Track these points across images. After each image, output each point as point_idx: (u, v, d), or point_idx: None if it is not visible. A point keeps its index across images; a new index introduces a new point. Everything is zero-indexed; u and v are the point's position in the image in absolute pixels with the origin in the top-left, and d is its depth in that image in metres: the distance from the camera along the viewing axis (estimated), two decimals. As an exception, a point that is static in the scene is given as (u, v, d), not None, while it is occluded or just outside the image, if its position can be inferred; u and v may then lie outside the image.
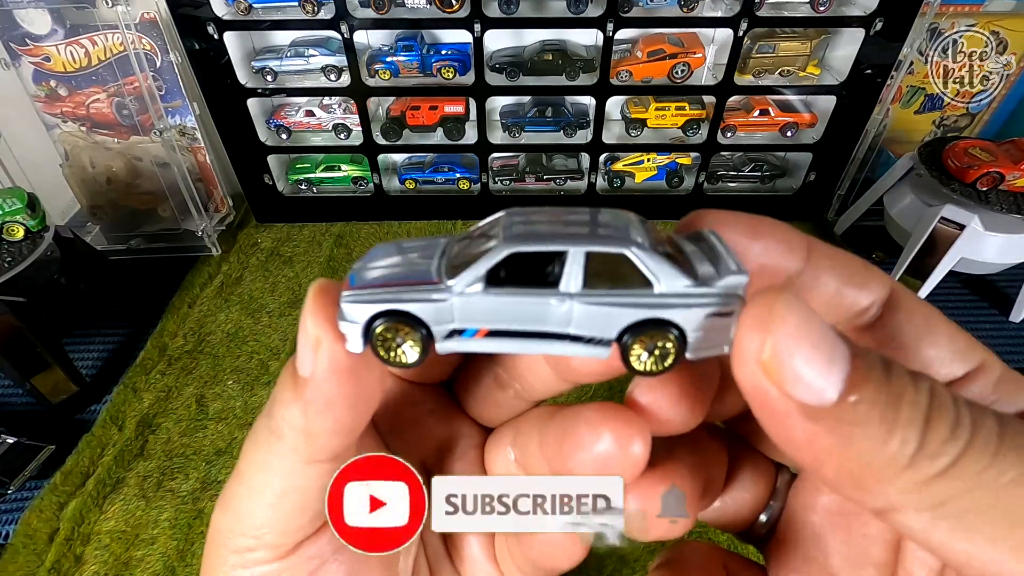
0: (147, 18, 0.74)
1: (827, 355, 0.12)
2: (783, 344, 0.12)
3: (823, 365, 0.12)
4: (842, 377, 0.12)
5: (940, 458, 0.12)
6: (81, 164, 0.81)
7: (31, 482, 0.58)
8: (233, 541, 0.17)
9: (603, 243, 0.14)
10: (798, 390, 0.12)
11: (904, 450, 0.12)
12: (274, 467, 0.16)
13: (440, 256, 0.15)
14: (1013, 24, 0.78)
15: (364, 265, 0.15)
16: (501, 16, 0.73)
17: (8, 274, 0.58)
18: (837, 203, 0.90)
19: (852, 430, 0.12)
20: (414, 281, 0.14)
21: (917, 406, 0.12)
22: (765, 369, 0.12)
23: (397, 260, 0.15)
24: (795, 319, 0.12)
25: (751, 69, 0.80)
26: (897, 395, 0.12)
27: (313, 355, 0.15)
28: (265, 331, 0.74)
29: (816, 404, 0.12)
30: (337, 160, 0.90)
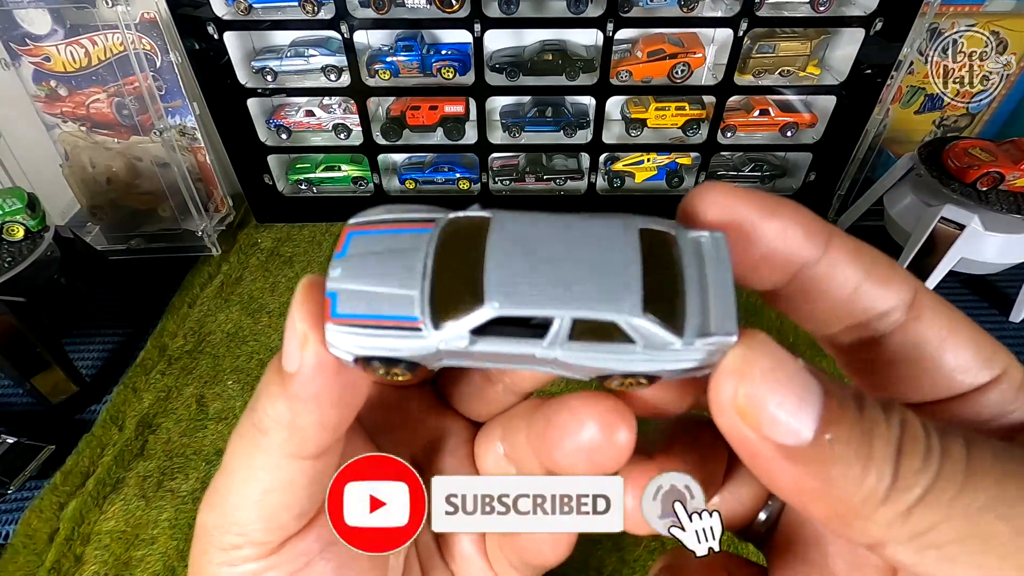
0: (147, 18, 0.74)
1: (799, 395, 0.13)
2: (755, 389, 0.13)
3: (796, 405, 0.12)
4: (815, 415, 0.12)
5: (913, 489, 0.12)
6: (81, 164, 0.81)
7: (31, 482, 0.58)
8: (219, 539, 0.17)
9: (592, 308, 0.13)
10: (774, 432, 0.13)
11: (880, 484, 0.12)
12: (259, 463, 0.16)
13: (423, 278, 0.14)
14: (1013, 24, 0.78)
15: (345, 273, 0.15)
16: (501, 16, 0.73)
17: (8, 274, 0.58)
18: (837, 203, 0.90)
19: (831, 470, 0.12)
20: (399, 323, 0.14)
21: (889, 440, 0.12)
22: (741, 414, 0.13)
23: (378, 275, 0.14)
24: (766, 363, 0.13)
25: (751, 69, 0.80)
26: (869, 430, 0.12)
27: (300, 351, 0.15)
28: (265, 331, 0.74)
29: (794, 445, 0.12)
30: (337, 160, 0.90)
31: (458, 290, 0.14)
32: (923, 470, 0.12)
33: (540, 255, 0.14)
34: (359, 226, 0.15)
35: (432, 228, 0.15)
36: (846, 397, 0.13)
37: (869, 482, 0.12)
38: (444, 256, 0.14)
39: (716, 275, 0.14)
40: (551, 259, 0.14)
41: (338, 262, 0.15)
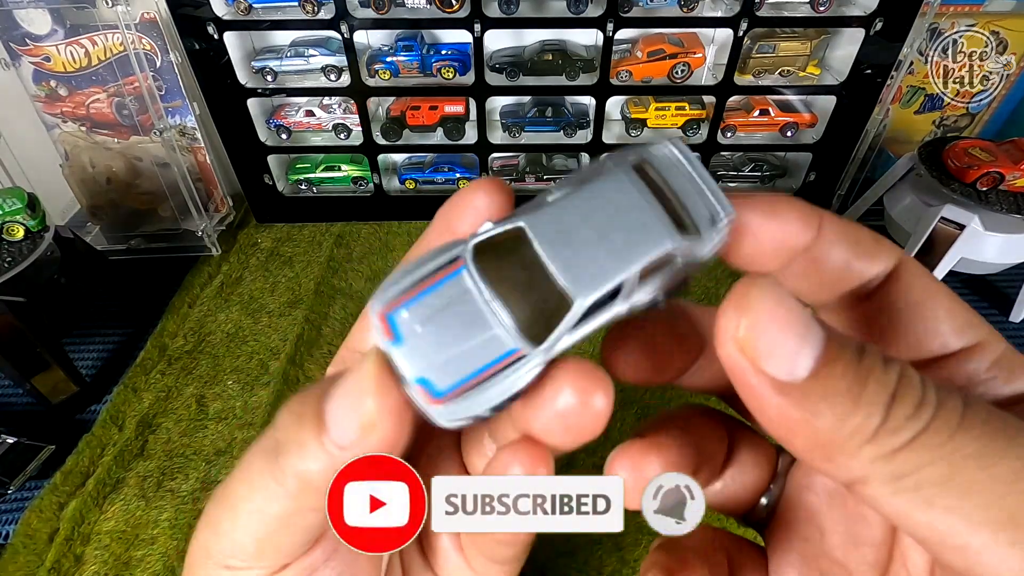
0: (147, 18, 0.74)
1: (799, 334, 0.13)
2: (756, 323, 0.13)
3: (795, 343, 0.13)
4: (814, 355, 0.13)
5: (902, 432, 0.13)
6: (81, 164, 0.81)
7: (31, 482, 0.58)
8: (223, 559, 0.17)
9: (650, 255, 0.14)
10: (770, 365, 0.13)
11: (868, 424, 0.13)
12: (270, 505, 0.16)
13: (492, 312, 0.14)
14: (1013, 24, 0.78)
15: (419, 353, 0.15)
16: (501, 16, 0.73)
17: (8, 274, 0.58)
18: (837, 203, 0.90)
19: (819, 404, 0.13)
20: (503, 363, 0.14)
21: (884, 384, 0.13)
22: (740, 346, 0.13)
23: (451, 336, 0.14)
24: (770, 300, 0.13)
25: (751, 69, 0.80)
26: (865, 374, 0.13)
27: (363, 436, 0.15)
28: (265, 331, 0.74)
29: (787, 380, 0.13)
30: (337, 160, 0.90)
31: (537, 303, 0.14)
32: (915, 417, 0.13)
33: (584, 237, 0.14)
34: (391, 305, 0.15)
35: (462, 265, 0.15)
36: (847, 344, 0.13)
37: (856, 419, 0.13)
38: (498, 281, 0.15)
39: (696, 174, 0.16)
40: (595, 234, 0.14)
41: (401, 349, 0.15)
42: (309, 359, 0.71)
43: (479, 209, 0.17)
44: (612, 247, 0.14)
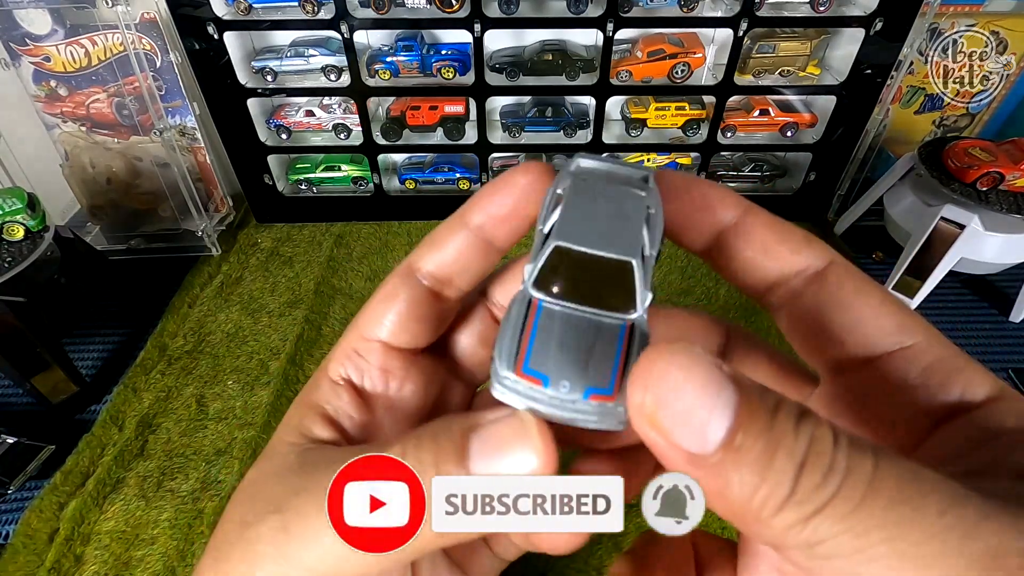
0: (147, 18, 0.74)
1: (709, 405, 0.13)
2: (664, 397, 0.13)
3: (705, 414, 0.13)
4: (724, 426, 0.13)
5: (808, 504, 0.12)
6: (81, 164, 0.81)
7: (31, 482, 0.58)
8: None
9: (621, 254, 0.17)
10: (681, 439, 0.13)
11: (777, 494, 0.13)
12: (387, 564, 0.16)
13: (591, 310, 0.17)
14: (1013, 24, 0.78)
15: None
16: (501, 16, 0.73)
17: (8, 274, 0.58)
18: (837, 203, 0.90)
19: (730, 475, 0.13)
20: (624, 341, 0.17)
21: (792, 453, 0.13)
22: (650, 422, 0.13)
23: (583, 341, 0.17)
24: (678, 371, 0.13)
25: (751, 69, 0.80)
26: (775, 442, 0.13)
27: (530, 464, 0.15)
28: (265, 331, 0.74)
29: (698, 452, 0.13)
30: (337, 160, 0.90)
31: (609, 284, 0.17)
32: (822, 486, 0.13)
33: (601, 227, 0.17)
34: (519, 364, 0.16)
35: (539, 302, 0.17)
36: (760, 405, 0.13)
37: (764, 492, 0.13)
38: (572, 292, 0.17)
39: (613, 163, 0.19)
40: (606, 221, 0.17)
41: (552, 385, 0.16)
42: (309, 359, 0.71)
43: (525, 189, 0.19)
44: (622, 221, 0.17)
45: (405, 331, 0.20)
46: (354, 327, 0.21)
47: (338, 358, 0.21)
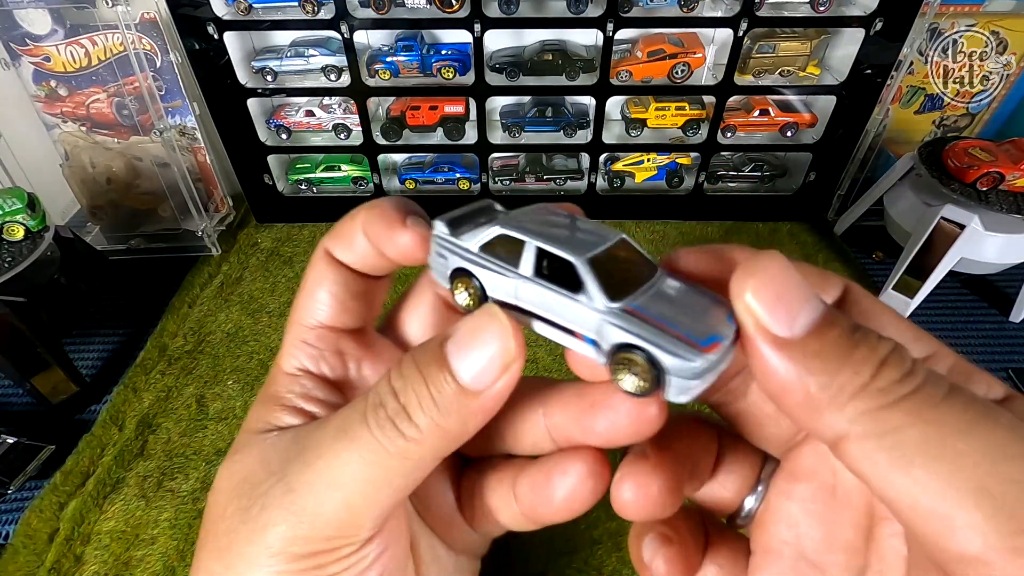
0: (147, 18, 0.74)
1: (800, 299, 0.15)
2: (762, 284, 0.15)
3: (795, 305, 0.15)
4: (812, 318, 0.15)
5: (888, 393, 0.13)
6: (81, 164, 0.81)
7: (31, 482, 0.58)
8: (280, 541, 0.17)
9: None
10: (771, 322, 0.15)
11: (855, 380, 0.14)
12: (378, 465, 0.17)
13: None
14: (1013, 24, 0.78)
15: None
16: (501, 16, 0.73)
17: (8, 274, 0.58)
18: (837, 203, 0.90)
19: (812, 361, 0.14)
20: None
21: (875, 350, 0.14)
22: (746, 305, 0.15)
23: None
24: (776, 267, 0.15)
25: (751, 69, 0.80)
26: (859, 340, 0.14)
27: (502, 374, 0.16)
28: (265, 331, 0.74)
29: (785, 335, 0.14)
30: (337, 160, 0.90)
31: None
32: (902, 382, 0.14)
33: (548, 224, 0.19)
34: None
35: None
36: (844, 317, 0.15)
37: (844, 376, 0.14)
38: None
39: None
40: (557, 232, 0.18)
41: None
42: (309, 359, 0.71)
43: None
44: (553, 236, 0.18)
45: (345, 310, 0.21)
46: (294, 320, 0.21)
47: (287, 351, 0.21)
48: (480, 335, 0.17)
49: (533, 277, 0.18)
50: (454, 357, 0.17)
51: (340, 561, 0.18)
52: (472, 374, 0.16)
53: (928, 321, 0.75)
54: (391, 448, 0.17)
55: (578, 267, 0.17)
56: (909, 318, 0.80)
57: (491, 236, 0.19)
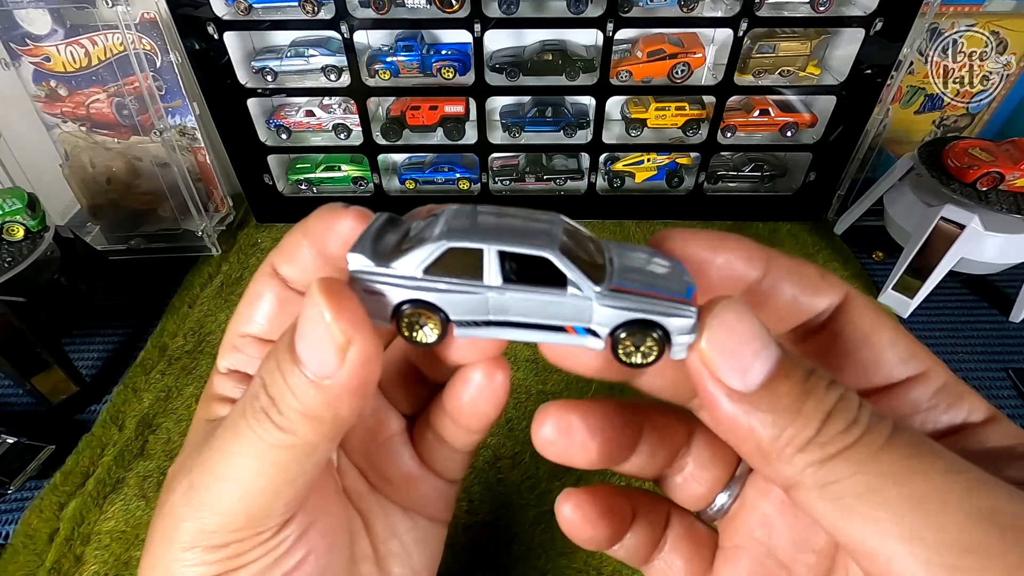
0: (147, 18, 0.74)
1: (754, 350, 0.15)
2: (716, 336, 0.15)
3: (749, 357, 0.15)
4: (765, 370, 0.15)
5: (830, 446, 0.14)
6: (81, 164, 0.81)
7: (31, 482, 0.58)
8: (198, 540, 0.18)
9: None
10: (725, 375, 0.15)
11: (802, 435, 0.14)
12: (259, 462, 0.17)
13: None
14: (1013, 24, 0.78)
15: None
16: (501, 16, 0.73)
17: (8, 274, 0.58)
18: (837, 203, 0.90)
19: (764, 415, 0.15)
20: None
21: (822, 403, 0.15)
22: (702, 357, 0.15)
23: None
24: (731, 317, 0.15)
25: (751, 69, 0.80)
26: (807, 392, 0.15)
27: (340, 356, 0.16)
28: (265, 331, 0.74)
29: (739, 389, 0.15)
30: (337, 160, 0.90)
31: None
32: (845, 433, 0.14)
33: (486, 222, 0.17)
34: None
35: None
36: (798, 364, 0.15)
37: (792, 431, 0.14)
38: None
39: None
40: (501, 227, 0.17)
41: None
42: (309, 359, 0.71)
43: (344, 235, 0.18)
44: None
45: (275, 328, 0.21)
46: (230, 323, 0.22)
47: (223, 352, 0.22)
48: (309, 323, 0.16)
49: (504, 285, 0.16)
50: (300, 348, 0.16)
51: (257, 548, 0.18)
52: (317, 363, 0.16)
53: (928, 321, 0.75)
54: (270, 439, 0.17)
55: (555, 261, 0.16)
56: (909, 318, 0.79)
57: (437, 254, 0.16)
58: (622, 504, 0.21)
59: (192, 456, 0.19)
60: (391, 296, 0.17)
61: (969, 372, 0.69)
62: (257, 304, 0.21)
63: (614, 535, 0.21)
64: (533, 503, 0.55)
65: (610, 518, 0.21)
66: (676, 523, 0.22)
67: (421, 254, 0.16)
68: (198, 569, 0.18)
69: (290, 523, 0.19)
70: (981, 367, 0.69)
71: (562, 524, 0.21)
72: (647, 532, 0.22)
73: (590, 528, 0.21)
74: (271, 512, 0.18)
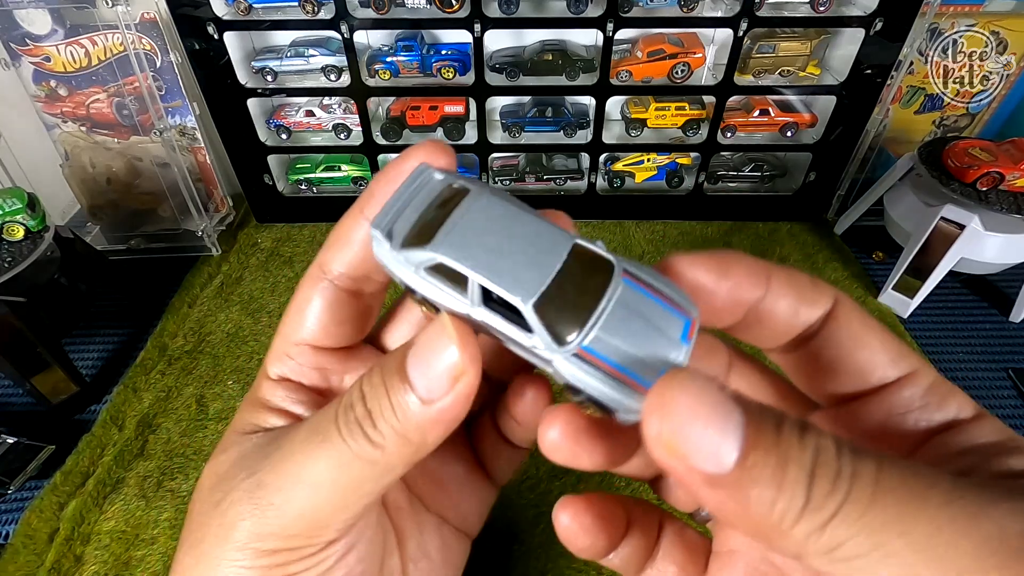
0: (147, 18, 0.74)
1: (720, 427, 0.14)
2: (679, 425, 0.14)
3: (718, 436, 0.14)
4: (737, 445, 0.14)
5: (823, 510, 0.13)
6: (81, 164, 0.81)
7: (31, 482, 0.58)
8: (254, 542, 0.18)
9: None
10: (699, 463, 0.14)
11: (793, 506, 0.13)
12: (345, 467, 0.17)
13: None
14: (1013, 24, 0.78)
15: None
16: (501, 16, 0.73)
17: (8, 274, 0.58)
18: (837, 203, 0.90)
19: (749, 494, 0.14)
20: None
21: (802, 464, 0.14)
22: (668, 449, 0.14)
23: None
24: (689, 398, 0.14)
25: (751, 69, 0.80)
26: (784, 456, 0.14)
27: (452, 385, 0.17)
28: (265, 331, 0.74)
29: (716, 472, 0.14)
30: (337, 160, 0.90)
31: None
32: (833, 492, 0.13)
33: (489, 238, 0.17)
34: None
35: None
36: (765, 422, 0.14)
37: (782, 505, 0.13)
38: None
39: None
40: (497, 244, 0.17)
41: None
42: (309, 359, 0.71)
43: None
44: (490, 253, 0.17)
45: (328, 335, 0.21)
46: (281, 330, 0.22)
47: (272, 359, 0.22)
48: (431, 347, 0.17)
49: (483, 305, 0.17)
50: (411, 368, 0.17)
51: (303, 560, 0.18)
52: (426, 386, 0.17)
53: (928, 321, 0.75)
54: (358, 451, 0.17)
55: (524, 313, 0.16)
56: (909, 318, 0.79)
57: (430, 264, 0.17)
58: (618, 512, 0.21)
59: (240, 461, 0.19)
60: (402, 275, 0.18)
61: (969, 372, 0.69)
62: (307, 309, 0.21)
63: (610, 543, 0.21)
64: (533, 503, 0.55)
65: (607, 526, 0.21)
66: (669, 531, 0.22)
67: (421, 256, 0.17)
68: (244, 573, 0.18)
69: (336, 543, 0.19)
70: (981, 367, 0.69)
71: (560, 533, 0.21)
72: (641, 540, 0.22)
73: (588, 536, 0.21)
74: (331, 524, 0.18)
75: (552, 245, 0.17)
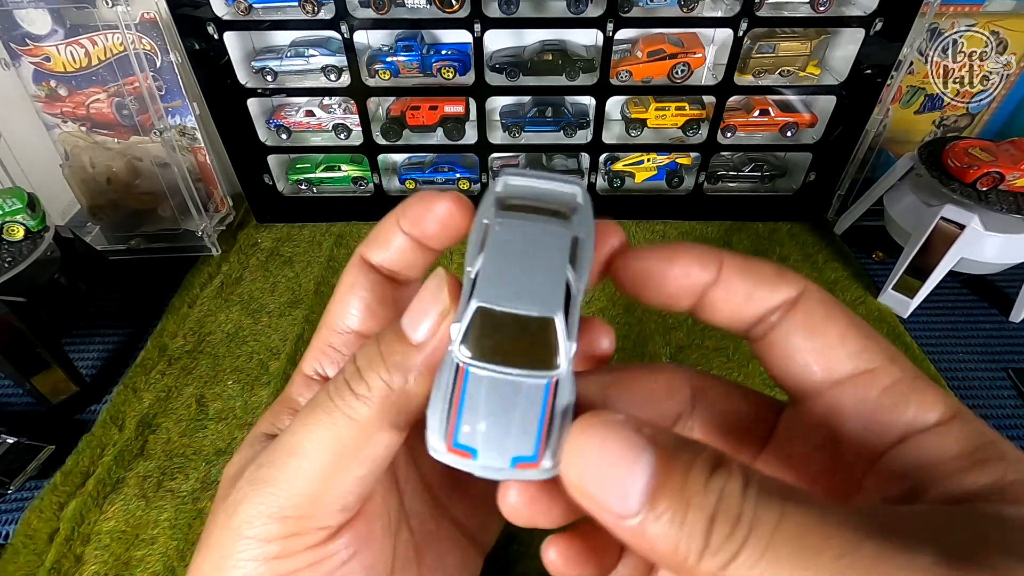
0: (147, 18, 0.74)
1: (627, 471, 0.14)
2: (587, 471, 0.15)
3: (625, 481, 0.14)
4: (643, 489, 0.14)
5: (720, 555, 0.14)
6: (81, 164, 0.81)
7: (31, 482, 0.58)
8: (247, 519, 0.18)
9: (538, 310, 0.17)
10: (609, 505, 0.14)
11: (693, 548, 0.14)
12: (339, 439, 0.18)
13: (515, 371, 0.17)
14: (1013, 24, 0.78)
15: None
16: (501, 16, 0.73)
17: (8, 274, 0.58)
18: (837, 203, 0.90)
19: (654, 533, 0.14)
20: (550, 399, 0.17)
21: (703, 509, 0.14)
22: (579, 492, 0.15)
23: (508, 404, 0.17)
24: (596, 443, 0.15)
25: (751, 69, 0.80)
26: (687, 501, 0.14)
27: (439, 321, 0.18)
28: (265, 331, 0.74)
29: (624, 513, 0.14)
30: (337, 160, 0.90)
31: (533, 340, 0.17)
32: (731, 537, 0.14)
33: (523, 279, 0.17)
34: (449, 437, 0.17)
35: (467, 367, 0.17)
36: (675, 464, 0.14)
37: (683, 546, 0.14)
38: (495, 352, 0.17)
39: (540, 182, 0.19)
40: (527, 272, 0.17)
41: (482, 455, 0.16)
42: (309, 359, 0.71)
43: (441, 217, 0.20)
44: (545, 266, 0.17)
45: (374, 316, 0.21)
46: (324, 324, 0.22)
47: (312, 356, 0.22)
48: (426, 293, 0.18)
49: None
50: (407, 325, 0.18)
51: (306, 552, 0.18)
52: (420, 330, 0.18)
53: (928, 321, 0.75)
54: (343, 408, 0.18)
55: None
56: (909, 318, 0.79)
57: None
58: (607, 537, 0.21)
59: (252, 457, 0.20)
60: None
61: (969, 372, 0.69)
62: (351, 298, 0.21)
63: (603, 570, 0.21)
64: (533, 503, 0.55)
65: (597, 554, 0.21)
66: None
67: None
68: (247, 565, 0.18)
69: (340, 536, 0.19)
70: (981, 367, 0.69)
71: (549, 569, 0.21)
72: (637, 561, 0.21)
73: (577, 568, 0.20)
74: (326, 499, 0.18)
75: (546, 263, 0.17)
